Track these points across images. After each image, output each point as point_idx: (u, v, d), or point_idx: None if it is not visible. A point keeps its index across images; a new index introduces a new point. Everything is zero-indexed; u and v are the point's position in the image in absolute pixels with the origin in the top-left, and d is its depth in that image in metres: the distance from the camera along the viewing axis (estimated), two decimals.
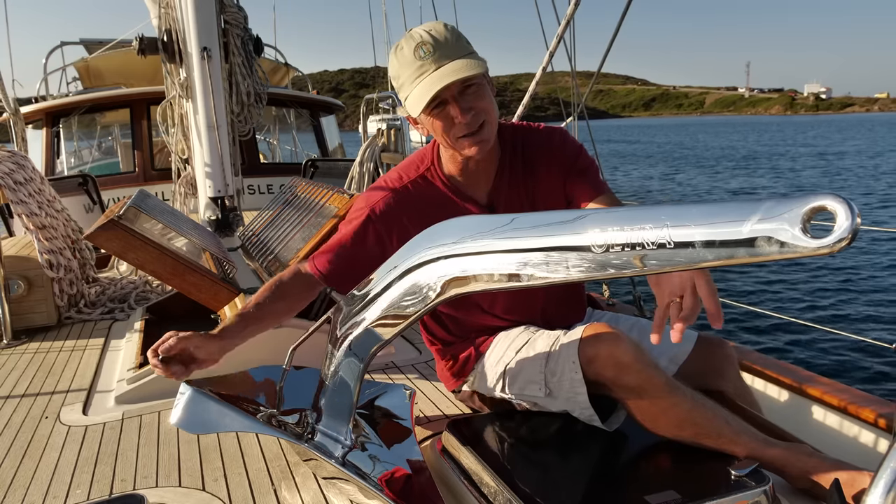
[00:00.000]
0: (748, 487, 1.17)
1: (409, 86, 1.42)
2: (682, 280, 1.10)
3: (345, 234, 1.59)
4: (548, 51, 3.38)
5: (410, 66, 1.41)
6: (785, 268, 9.38)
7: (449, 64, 1.38)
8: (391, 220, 1.56)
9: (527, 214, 1.02)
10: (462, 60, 1.39)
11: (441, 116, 1.43)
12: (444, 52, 1.39)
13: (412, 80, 1.41)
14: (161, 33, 3.20)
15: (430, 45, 1.39)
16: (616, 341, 1.34)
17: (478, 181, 1.59)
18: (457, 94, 1.40)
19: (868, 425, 1.61)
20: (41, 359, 2.41)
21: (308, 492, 1.40)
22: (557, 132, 1.65)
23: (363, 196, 1.64)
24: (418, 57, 1.40)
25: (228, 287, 2.08)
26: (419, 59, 1.40)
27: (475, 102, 1.42)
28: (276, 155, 8.23)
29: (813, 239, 0.69)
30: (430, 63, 1.39)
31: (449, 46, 1.40)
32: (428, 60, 1.39)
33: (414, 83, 1.41)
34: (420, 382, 2.03)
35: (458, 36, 1.44)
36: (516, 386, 1.52)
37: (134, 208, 2.07)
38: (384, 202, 1.57)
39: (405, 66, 1.42)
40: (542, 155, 1.61)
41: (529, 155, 1.61)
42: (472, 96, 1.42)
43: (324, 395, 1.34)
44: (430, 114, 1.44)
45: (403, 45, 1.43)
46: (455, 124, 1.43)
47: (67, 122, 5.91)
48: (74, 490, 1.45)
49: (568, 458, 1.35)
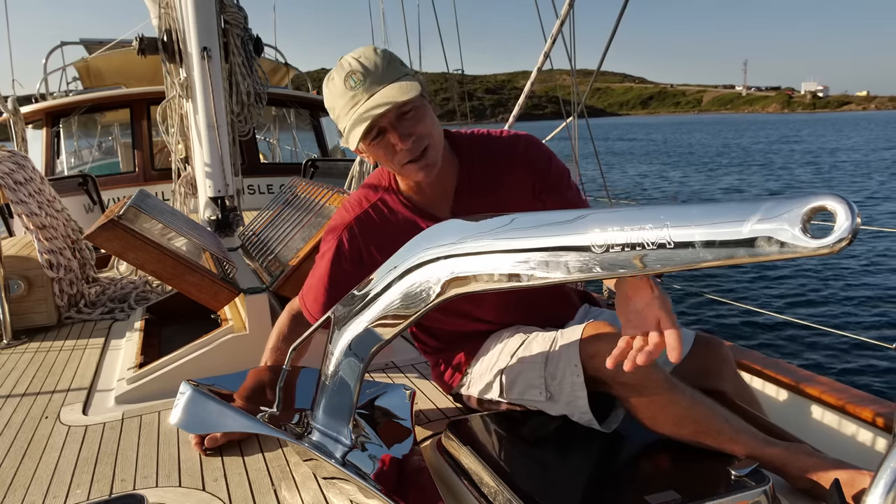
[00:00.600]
0: (748, 487, 1.17)
1: (345, 118, 1.38)
2: (649, 318, 1.13)
3: (321, 268, 1.60)
4: (543, 51, 3.38)
5: (343, 97, 1.38)
6: (785, 268, 9.39)
7: (381, 91, 1.34)
8: (358, 250, 1.56)
9: (527, 214, 1.02)
10: (395, 85, 1.34)
11: (382, 146, 1.40)
12: (374, 78, 1.35)
13: (346, 111, 1.38)
14: (161, 33, 3.20)
15: (359, 74, 1.35)
16: (616, 339, 1.34)
17: (437, 199, 1.56)
18: (394, 121, 1.37)
19: (868, 425, 1.61)
20: (41, 359, 2.41)
21: (308, 492, 1.40)
22: (522, 139, 1.60)
23: (329, 227, 1.63)
24: (349, 87, 1.36)
25: (228, 287, 2.08)
26: (350, 90, 1.36)
27: (414, 127, 1.38)
28: (276, 155, 8.23)
29: (813, 239, 0.70)
30: (361, 92, 1.35)
31: (379, 73, 1.36)
32: (359, 90, 1.35)
33: (349, 115, 1.37)
34: (420, 382, 2.03)
35: (390, 60, 1.39)
36: (515, 391, 1.52)
37: (134, 208, 2.07)
38: (348, 233, 1.57)
39: (338, 97, 1.39)
40: (505, 164, 1.56)
41: (491, 165, 1.57)
42: (410, 121, 1.38)
43: (324, 395, 1.34)
44: (369, 144, 1.40)
45: (334, 76, 1.39)
46: (397, 152, 1.39)
47: (67, 122, 5.91)
48: (74, 490, 1.45)
49: (568, 458, 1.35)
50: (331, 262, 1.58)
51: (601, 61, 3.35)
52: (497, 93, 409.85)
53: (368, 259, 1.56)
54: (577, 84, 3.54)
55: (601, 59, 3.33)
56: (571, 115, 3.60)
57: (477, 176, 1.56)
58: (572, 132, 3.66)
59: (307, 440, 1.32)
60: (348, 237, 1.57)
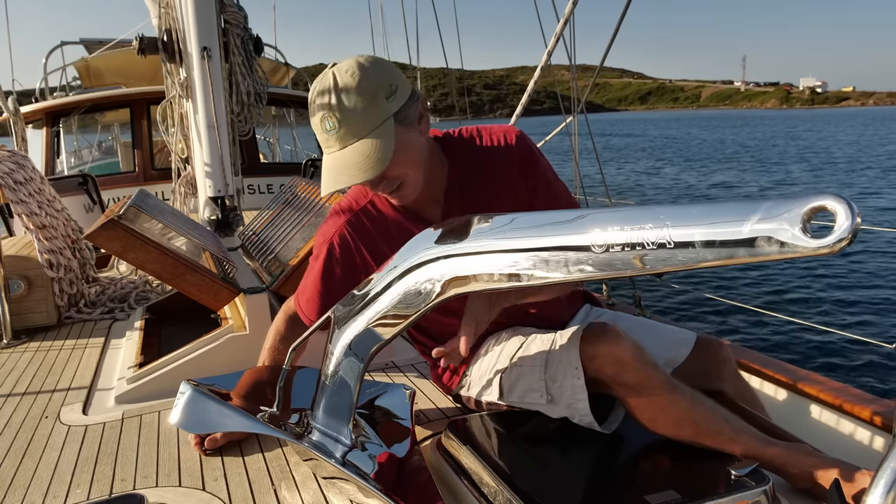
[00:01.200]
0: (748, 487, 1.17)
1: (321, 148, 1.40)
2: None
3: (315, 270, 1.61)
4: (546, 49, 3.37)
5: (317, 129, 1.37)
6: (784, 267, 9.38)
7: (353, 146, 1.31)
8: (350, 254, 1.57)
9: (527, 214, 1.02)
10: (364, 154, 1.30)
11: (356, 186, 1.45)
12: (349, 128, 1.31)
13: (321, 145, 1.38)
14: (161, 33, 3.20)
15: (335, 120, 1.31)
16: (616, 339, 1.34)
17: (427, 203, 1.55)
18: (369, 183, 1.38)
19: (868, 425, 1.61)
20: (41, 358, 2.41)
21: (308, 492, 1.40)
22: (511, 131, 1.59)
23: (321, 230, 1.64)
24: (324, 129, 1.34)
25: (228, 287, 2.08)
26: (324, 132, 1.34)
27: (391, 174, 1.38)
28: (276, 155, 8.23)
29: (813, 239, 0.69)
30: (334, 140, 1.33)
31: (356, 120, 1.31)
32: (332, 136, 1.33)
33: (323, 154, 1.38)
34: (420, 382, 2.03)
35: (373, 95, 1.31)
36: (515, 394, 1.51)
37: (134, 208, 2.07)
38: (339, 237, 1.57)
39: (314, 123, 1.38)
40: (495, 162, 1.56)
41: (481, 164, 1.56)
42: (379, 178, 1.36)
43: (324, 394, 1.34)
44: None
45: (315, 100, 1.35)
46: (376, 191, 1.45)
47: (67, 121, 5.91)
48: (74, 490, 1.45)
49: (568, 458, 1.35)
50: (323, 265, 1.59)
51: (602, 60, 3.35)
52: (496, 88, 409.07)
53: (361, 263, 1.57)
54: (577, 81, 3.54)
55: (602, 57, 3.32)
56: (572, 112, 3.60)
57: (467, 176, 1.56)
58: (572, 129, 3.65)
59: (307, 440, 1.32)
60: (339, 242, 1.57)
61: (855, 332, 2.72)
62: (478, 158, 1.57)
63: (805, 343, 6.45)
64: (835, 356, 6.10)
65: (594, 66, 3.78)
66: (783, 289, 8.63)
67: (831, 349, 6.25)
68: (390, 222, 1.56)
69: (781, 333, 6.76)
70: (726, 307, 7.18)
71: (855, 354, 6.07)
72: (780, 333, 6.77)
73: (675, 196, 19.19)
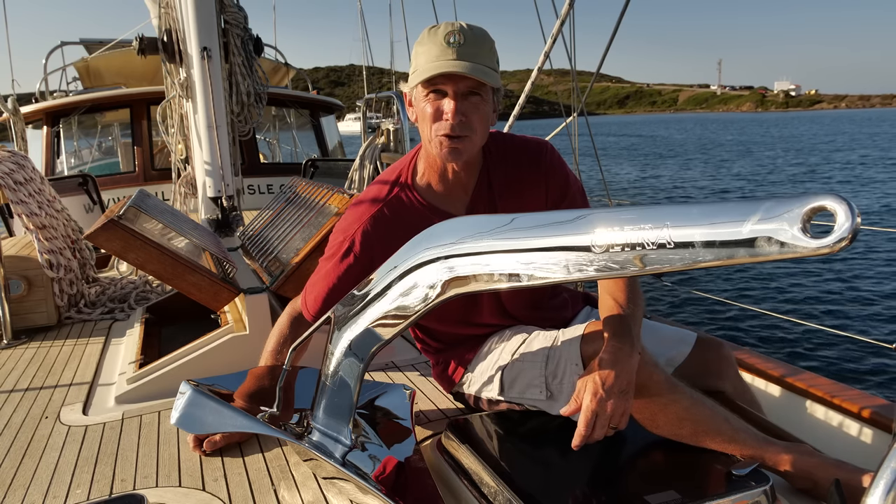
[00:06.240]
0: (748, 487, 1.17)
1: (423, 58, 1.41)
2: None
3: (329, 269, 1.55)
4: (543, 50, 3.38)
5: (434, 45, 1.39)
6: (785, 267, 9.38)
7: (471, 62, 1.37)
8: (371, 252, 1.51)
9: (527, 214, 1.02)
10: (484, 67, 1.38)
11: (433, 104, 1.41)
12: (471, 50, 1.38)
13: (430, 55, 1.40)
14: (161, 33, 3.20)
15: (462, 38, 1.38)
16: None
17: (455, 193, 1.55)
18: (459, 94, 1.39)
19: (868, 425, 1.61)
20: (41, 359, 2.41)
21: (308, 492, 1.40)
22: (547, 148, 1.61)
23: (340, 227, 1.59)
24: (447, 42, 1.38)
25: (228, 287, 2.08)
26: (447, 44, 1.38)
27: (471, 112, 1.40)
28: (276, 155, 8.23)
29: (813, 239, 0.69)
30: (454, 52, 1.38)
31: (478, 51, 1.39)
32: (453, 48, 1.38)
33: (429, 59, 1.39)
34: (420, 382, 2.03)
35: (492, 49, 1.43)
36: (515, 390, 1.52)
37: (134, 208, 2.07)
38: (362, 233, 1.52)
39: (429, 43, 1.41)
40: (528, 171, 1.57)
41: (514, 170, 1.57)
42: (472, 105, 1.40)
43: (324, 394, 1.34)
44: (426, 95, 1.41)
45: (440, 27, 1.42)
46: (442, 120, 1.40)
47: (67, 121, 5.91)
48: (74, 490, 1.45)
49: (568, 458, 1.35)
50: (339, 262, 1.53)
51: (600, 63, 3.36)
52: None
53: (379, 262, 1.53)
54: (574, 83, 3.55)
55: (601, 59, 3.33)
56: (572, 114, 3.61)
57: (498, 179, 1.56)
58: (571, 131, 3.66)
59: (307, 440, 1.32)
60: (361, 239, 1.52)
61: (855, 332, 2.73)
62: (512, 164, 1.58)
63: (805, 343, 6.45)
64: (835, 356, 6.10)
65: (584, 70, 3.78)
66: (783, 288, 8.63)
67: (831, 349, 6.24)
68: (415, 217, 1.52)
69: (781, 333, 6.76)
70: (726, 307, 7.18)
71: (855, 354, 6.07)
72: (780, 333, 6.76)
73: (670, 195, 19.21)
